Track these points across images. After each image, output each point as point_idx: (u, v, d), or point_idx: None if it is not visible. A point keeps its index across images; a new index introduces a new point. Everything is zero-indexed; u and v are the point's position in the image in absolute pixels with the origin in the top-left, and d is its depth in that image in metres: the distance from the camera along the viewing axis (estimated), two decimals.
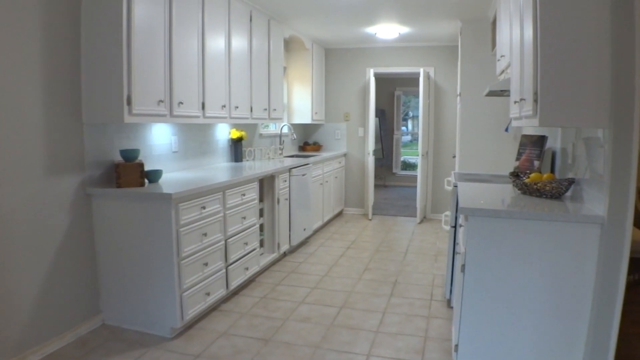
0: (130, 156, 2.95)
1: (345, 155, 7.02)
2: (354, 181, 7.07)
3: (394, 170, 10.62)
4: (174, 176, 3.51)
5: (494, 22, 4.78)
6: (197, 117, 3.51)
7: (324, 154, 6.15)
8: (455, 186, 3.26)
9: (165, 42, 3.06)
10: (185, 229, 2.88)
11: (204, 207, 3.06)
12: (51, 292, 2.72)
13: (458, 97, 5.48)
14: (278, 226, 4.42)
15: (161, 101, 3.02)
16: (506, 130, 4.80)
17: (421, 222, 6.51)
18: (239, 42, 4.14)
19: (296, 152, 6.58)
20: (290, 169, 4.67)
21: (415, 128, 12.93)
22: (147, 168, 3.36)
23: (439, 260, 4.69)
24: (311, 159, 5.36)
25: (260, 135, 5.54)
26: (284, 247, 4.60)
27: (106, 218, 2.95)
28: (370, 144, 6.76)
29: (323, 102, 6.96)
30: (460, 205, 2.27)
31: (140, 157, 3.33)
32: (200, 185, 3.04)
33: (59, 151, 2.73)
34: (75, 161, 2.85)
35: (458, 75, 5.41)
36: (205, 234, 3.08)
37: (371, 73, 6.64)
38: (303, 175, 4.99)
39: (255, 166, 4.47)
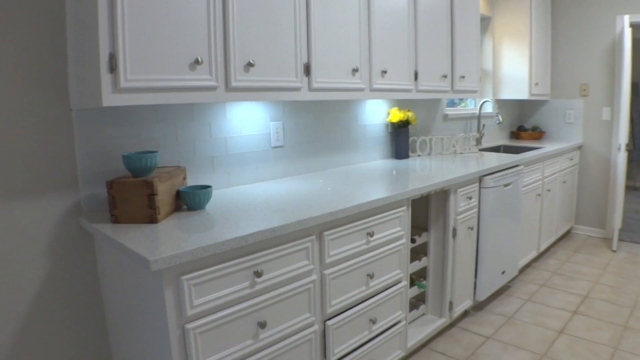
0: (137, 166, 1.58)
1: (580, 148, 4.60)
2: (591, 188, 4.60)
3: None
4: (256, 192, 2.07)
5: None
6: (296, 88, 1.98)
7: (547, 148, 3.96)
8: None
9: None
10: (206, 322, 1.40)
11: (258, 274, 1.54)
12: None
13: None
14: (452, 273, 2.64)
15: (197, 62, 1.59)
16: None
17: None
18: None
19: (505, 142, 4.51)
20: (481, 177, 2.79)
21: None
22: (218, 176, 2.03)
23: None
24: (524, 156, 3.32)
25: (445, 117, 3.73)
26: (463, 305, 2.78)
27: (107, 272, 1.70)
28: (622, 133, 4.21)
29: (548, 68, 4.63)
30: None
31: (206, 158, 1.99)
32: (289, 218, 1.54)
33: (27, 156, 1.56)
34: (59, 173, 1.65)
35: None
36: (262, 324, 1.57)
37: (625, 23, 4.03)
38: (506, 185, 3.03)
39: (430, 166, 2.76)
